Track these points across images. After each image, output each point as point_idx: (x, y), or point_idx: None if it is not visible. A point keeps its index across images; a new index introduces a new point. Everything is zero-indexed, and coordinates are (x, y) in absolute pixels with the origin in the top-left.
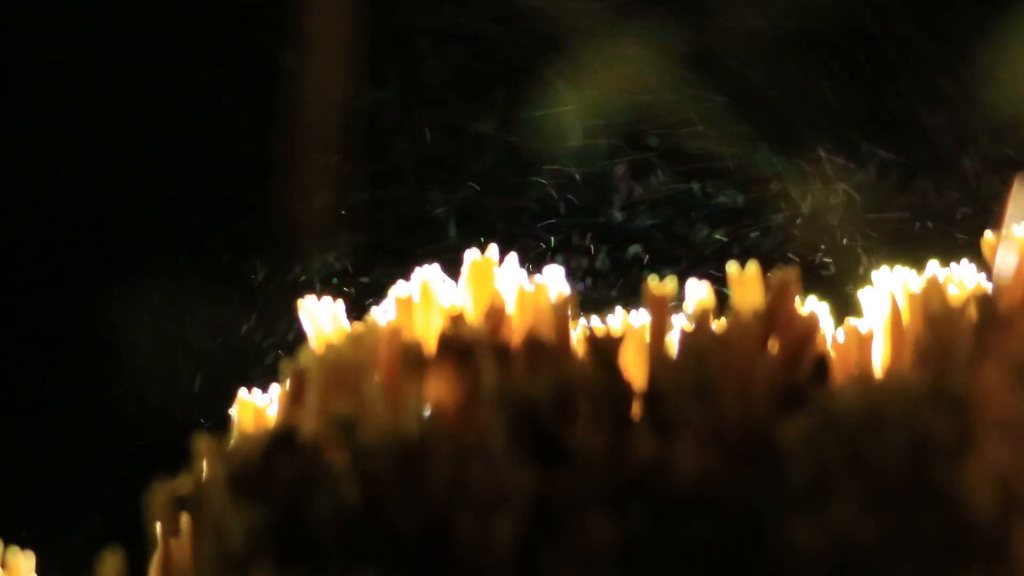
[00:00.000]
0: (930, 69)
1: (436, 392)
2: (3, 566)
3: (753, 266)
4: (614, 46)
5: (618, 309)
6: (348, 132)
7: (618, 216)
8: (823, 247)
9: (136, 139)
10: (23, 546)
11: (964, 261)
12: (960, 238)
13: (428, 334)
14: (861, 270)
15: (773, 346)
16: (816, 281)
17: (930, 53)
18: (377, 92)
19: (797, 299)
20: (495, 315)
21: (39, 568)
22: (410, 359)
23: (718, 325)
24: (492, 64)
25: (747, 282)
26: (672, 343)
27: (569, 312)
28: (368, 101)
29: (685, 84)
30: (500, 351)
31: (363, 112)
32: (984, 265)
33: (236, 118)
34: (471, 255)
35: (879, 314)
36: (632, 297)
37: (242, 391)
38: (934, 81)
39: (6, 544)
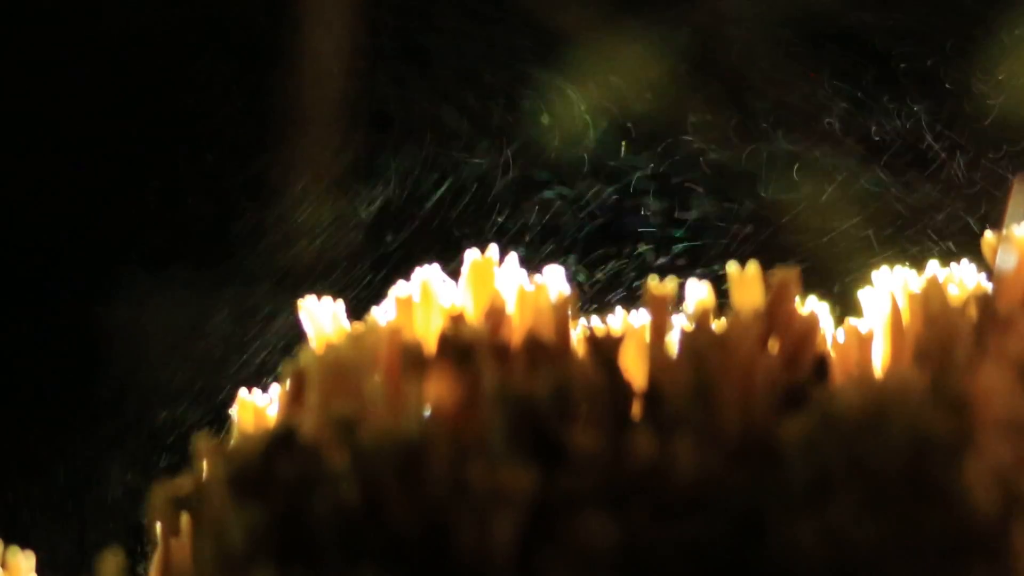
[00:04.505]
0: (931, 68)
1: (436, 392)
2: (3, 566)
3: (753, 266)
4: (615, 46)
5: (618, 309)
6: (349, 131)
7: (617, 216)
8: (823, 247)
9: (133, 137)
10: (23, 546)
11: (964, 261)
12: (960, 238)
13: (428, 334)
14: (861, 270)
15: (773, 346)
16: (816, 281)
17: (931, 52)
18: (377, 92)
19: (797, 299)
20: (495, 315)
21: (39, 568)
22: (410, 359)
23: (718, 325)
24: (493, 64)
25: (747, 282)
26: (672, 343)
27: (569, 312)
28: (368, 100)
29: (684, 84)
30: (500, 351)
31: (364, 111)
32: (984, 265)
33: (235, 116)
34: (471, 255)
35: (879, 314)
36: (632, 297)
37: (242, 391)
38: (935, 80)
39: (6, 544)
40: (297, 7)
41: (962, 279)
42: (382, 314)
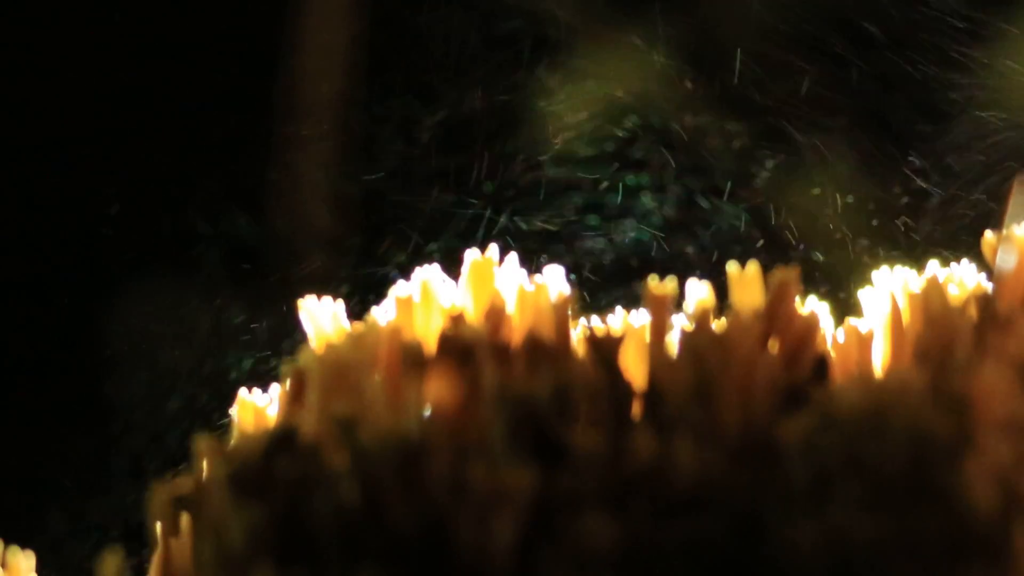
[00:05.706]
0: (930, 69)
1: (436, 392)
2: (3, 566)
3: (753, 266)
4: (615, 45)
5: (618, 309)
6: (349, 130)
7: (618, 217)
8: (823, 247)
9: (133, 136)
10: (23, 546)
11: (964, 261)
12: (960, 238)
13: (428, 334)
14: (861, 270)
15: (773, 346)
16: (816, 281)
17: (929, 53)
18: (377, 91)
19: (797, 299)
20: (495, 315)
21: (39, 568)
22: (410, 359)
23: (718, 325)
24: (493, 63)
25: (747, 282)
26: (672, 343)
27: (569, 312)
28: (368, 99)
29: (684, 84)
30: (500, 351)
31: (364, 110)
32: (984, 265)
33: (234, 114)
34: (471, 255)
35: (879, 314)
36: (632, 297)
37: (242, 391)
38: (934, 81)
39: (6, 544)
40: (300, 19)
41: (962, 279)
42: (382, 314)
